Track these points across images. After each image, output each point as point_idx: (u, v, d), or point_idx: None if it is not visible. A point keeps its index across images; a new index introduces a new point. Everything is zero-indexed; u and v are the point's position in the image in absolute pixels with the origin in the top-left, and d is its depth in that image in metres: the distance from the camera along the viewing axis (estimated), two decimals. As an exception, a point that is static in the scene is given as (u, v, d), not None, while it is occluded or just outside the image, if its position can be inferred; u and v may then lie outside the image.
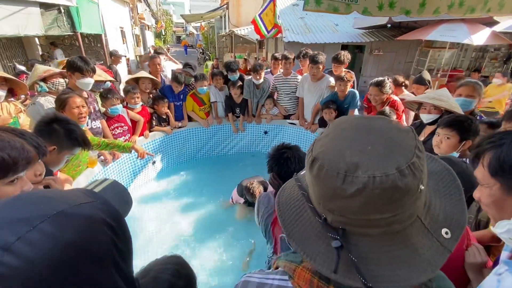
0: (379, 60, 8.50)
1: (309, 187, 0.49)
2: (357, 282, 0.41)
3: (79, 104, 2.13)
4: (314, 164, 0.44)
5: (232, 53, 14.29)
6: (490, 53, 8.18)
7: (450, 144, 1.46)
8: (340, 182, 0.40)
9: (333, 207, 0.43)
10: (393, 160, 0.40)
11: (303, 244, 0.47)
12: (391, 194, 0.39)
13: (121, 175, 3.09)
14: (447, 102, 1.79)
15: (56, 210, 0.38)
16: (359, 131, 0.46)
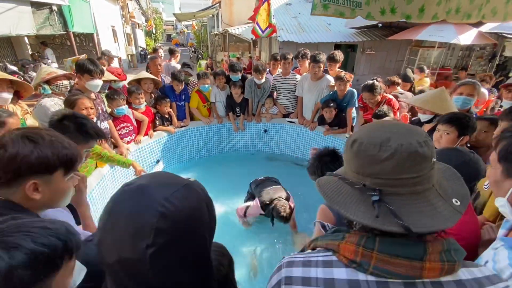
0: (371, 59, 8.72)
1: (347, 164, 0.64)
2: (394, 226, 0.52)
3: (88, 105, 2.17)
4: (355, 143, 0.60)
5: (225, 52, 14.29)
6: (476, 52, 8.52)
7: (449, 139, 1.57)
8: (377, 150, 0.56)
9: (371, 171, 0.57)
10: (414, 136, 0.56)
11: (346, 207, 0.58)
12: (414, 157, 0.54)
13: (128, 174, 3.13)
14: (439, 104, 1.91)
15: (184, 182, 0.55)
16: (385, 124, 0.63)
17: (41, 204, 0.88)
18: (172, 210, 0.49)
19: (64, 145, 0.88)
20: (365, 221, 0.55)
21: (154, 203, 0.49)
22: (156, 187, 0.52)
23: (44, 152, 0.83)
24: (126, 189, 0.53)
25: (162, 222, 0.48)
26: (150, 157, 3.46)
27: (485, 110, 6.46)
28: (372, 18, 1.91)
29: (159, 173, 0.60)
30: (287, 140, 4.26)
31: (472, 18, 1.88)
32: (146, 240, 0.47)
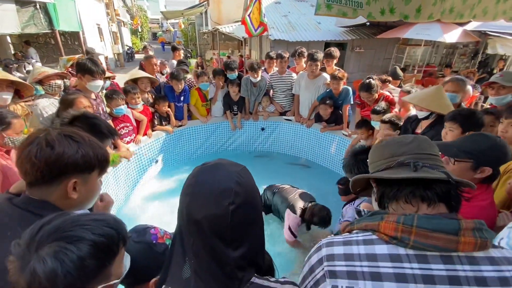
0: (360, 57, 8.91)
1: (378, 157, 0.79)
2: (435, 172, 0.66)
3: (86, 104, 2.13)
4: (382, 142, 0.81)
5: (214, 50, 14.20)
6: (459, 49, 8.87)
7: (454, 136, 1.62)
8: (402, 138, 0.77)
9: (403, 150, 0.74)
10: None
11: (388, 174, 0.71)
12: (428, 140, 0.76)
13: (128, 174, 3.11)
14: (436, 102, 1.98)
15: (242, 165, 0.70)
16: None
17: (75, 205, 0.89)
18: (243, 180, 0.64)
19: (99, 145, 0.90)
20: (410, 175, 0.66)
21: (232, 174, 0.65)
22: (228, 165, 0.68)
23: (87, 151, 0.84)
24: (206, 166, 0.68)
25: (239, 187, 0.62)
26: (148, 158, 3.43)
27: (469, 106, 6.77)
28: (372, 18, 1.98)
29: (223, 159, 0.73)
30: (285, 138, 4.32)
31: (464, 17, 1.98)
32: (228, 199, 0.60)
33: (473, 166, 1.13)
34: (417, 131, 2.22)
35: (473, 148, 1.12)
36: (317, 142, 4.02)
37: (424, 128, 2.13)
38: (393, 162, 0.72)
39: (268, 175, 3.77)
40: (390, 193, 0.70)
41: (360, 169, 1.41)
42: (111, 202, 1.22)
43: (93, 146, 0.87)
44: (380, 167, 0.75)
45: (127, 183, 3.12)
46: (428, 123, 2.10)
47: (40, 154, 0.78)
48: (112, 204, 1.24)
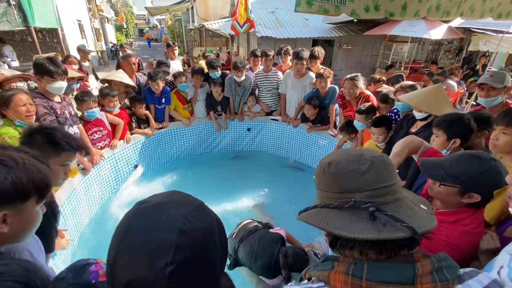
0: (347, 54, 8.87)
1: (326, 188, 0.64)
2: (401, 231, 0.53)
3: (26, 101, 1.93)
4: (331, 165, 0.62)
5: (202, 47, 13.92)
6: (444, 46, 8.96)
7: (438, 142, 1.54)
8: (356, 164, 0.59)
9: (358, 185, 0.58)
10: (378, 153, 0.63)
11: (346, 228, 0.56)
12: (387, 166, 0.60)
13: (102, 182, 2.92)
14: (435, 104, 1.89)
15: (198, 201, 0.56)
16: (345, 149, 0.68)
17: (7, 239, 0.75)
18: (191, 228, 0.49)
19: (38, 168, 0.76)
20: (371, 235, 0.54)
21: (175, 219, 0.49)
22: (172, 205, 0.53)
23: (19, 177, 0.70)
24: (143, 206, 0.53)
25: (182, 239, 0.47)
26: (127, 163, 3.25)
27: (455, 102, 6.83)
28: (356, 15, 1.88)
29: (173, 192, 0.60)
30: (271, 138, 4.20)
31: (451, 15, 1.91)
32: (165, 258, 0.46)
33: (460, 192, 1.02)
34: (412, 130, 2.14)
35: (461, 173, 0.99)
36: (304, 142, 3.92)
37: (419, 128, 2.05)
38: (346, 201, 0.59)
39: (254, 177, 3.68)
40: (343, 242, 0.60)
41: None
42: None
43: (28, 171, 0.73)
44: (330, 202, 0.62)
45: (101, 191, 2.93)
46: (425, 123, 2.02)
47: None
48: None
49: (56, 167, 1.28)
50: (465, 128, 1.51)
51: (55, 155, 1.28)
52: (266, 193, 3.35)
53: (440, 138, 1.55)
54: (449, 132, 1.52)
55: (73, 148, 1.33)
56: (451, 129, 1.51)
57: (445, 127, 1.53)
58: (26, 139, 1.31)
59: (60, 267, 1.93)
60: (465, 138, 1.53)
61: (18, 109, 1.87)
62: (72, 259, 2.26)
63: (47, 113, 2.12)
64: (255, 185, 3.47)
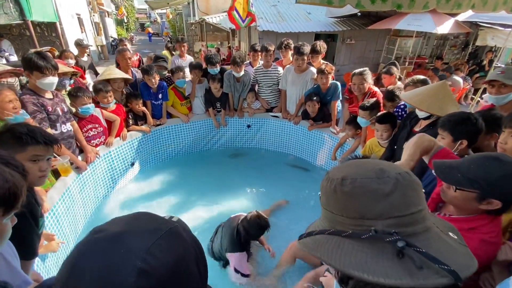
0: (351, 49, 8.70)
1: (338, 211, 0.50)
2: (441, 277, 0.41)
3: (12, 97, 1.86)
4: (345, 182, 0.49)
5: (203, 42, 13.74)
6: (450, 41, 8.75)
7: (446, 144, 1.44)
8: (377, 184, 0.47)
9: (379, 210, 0.46)
10: (401, 167, 0.51)
11: (369, 268, 0.44)
12: (413, 185, 0.48)
13: (98, 180, 2.85)
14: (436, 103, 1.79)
15: (168, 225, 0.46)
16: (361, 160, 0.56)
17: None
18: (155, 265, 0.39)
19: (5, 176, 0.69)
20: (403, 281, 0.41)
21: (132, 256, 0.39)
22: (133, 235, 0.42)
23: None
24: (96, 237, 0.43)
25: (143, 280, 0.38)
26: (124, 160, 3.18)
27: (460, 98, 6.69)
28: (361, 7, 1.77)
29: (137, 216, 0.48)
30: (271, 135, 4.12)
31: (462, 7, 1.79)
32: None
33: (478, 197, 0.92)
34: (415, 129, 2.05)
35: (480, 177, 0.90)
36: (305, 140, 3.83)
37: (423, 127, 1.96)
38: (365, 230, 0.46)
39: (253, 175, 3.59)
40: (360, 283, 0.48)
41: None
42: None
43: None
44: (342, 228, 0.50)
45: (97, 190, 2.86)
46: (429, 122, 1.92)
47: None
48: None
49: (26, 163, 1.16)
50: (472, 128, 1.42)
51: (20, 150, 1.19)
52: (266, 191, 3.28)
53: (446, 139, 1.46)
54: (454, 133, 1.43)
55: (37, 141, 1.23)
56: (457, 130, 1.42)
57: (450, 128, 1.44)
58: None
59: (52, 269, 1.87)
60: (473, 138, 1.44)
61: (5, 106, 1.80)
62: (65, 260, 2.20)
63: (37, 110, 2.04)
64: (254, 183, 3.40)
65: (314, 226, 0.57)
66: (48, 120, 2.14)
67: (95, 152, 2.72)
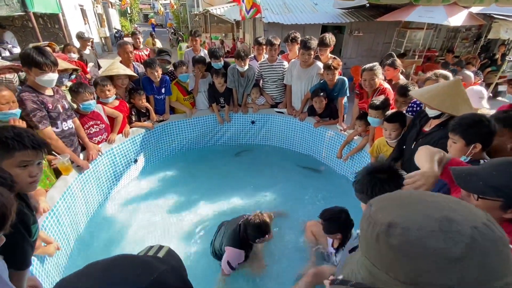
0: (358, 41, 8.46)
1: (388, 269, 0.37)
2: None
3: (9, 99, 1.82)
4: (393, 231, 0.36)
5: (207, 33, 13.53)
6: (461, 33, 8.45)
7: (457, 148, 1.39)
8: (442, 242, 0.33)
9: (444, 281, 0.33)
10: (477, 213, 0.36)
11: None
12: (500, 246, 0.34)
13: (100, 178, 2.82)
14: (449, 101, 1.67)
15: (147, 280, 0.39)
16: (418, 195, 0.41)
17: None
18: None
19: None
20: None
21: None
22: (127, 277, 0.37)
23: None
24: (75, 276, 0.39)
25: None
26: (127, 157, 3.14)
27: (470, 93, 6.47)
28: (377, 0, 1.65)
29: (111, 266, 0.41)
30: (276, 131, 4.04)
31: (485, 1, 1.65)
32: None
33: (502, 206, 0.86)
34: (425, 129, 1.95)
35: (505, 184, 0.83)
36: (311, 136, 3.74)
37: (433, 126, 1.86)
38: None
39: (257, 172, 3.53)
40: None
41: (374, 192, 1.07)
42: None
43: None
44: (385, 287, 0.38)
45: (99, 188, 2.82)
46: (440, 121, 1.83)
47: None
48: None
49: (14, 170, 1.12)
50: (485, 131, 1.33)
51: (6, 157, 1.12)
52: (270, 189, 3.22)
53: (458, 144, 1.38)
54: (467, 136, 1.35)
55: (25, 145, 1.14)
56: (469, 133, 1.34)
57: (462, 131, 1.36)
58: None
59: (52, 272, 1.85)
60: (486, 141, 1.37)
61: (0, 107, 1.75)
62: (68, 261, 2.19)
63: (36, 108, 1.99)
64: (258, 180, 3.35)
65: (351, 270, 0.45)
66: (49, 118, 2.09)
67: (97, 149, 2.68)
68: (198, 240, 2.54)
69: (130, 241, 2.51)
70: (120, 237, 2.55)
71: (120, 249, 2.41)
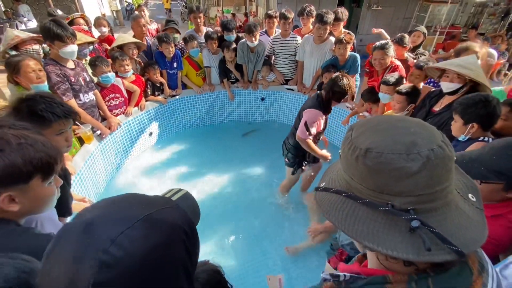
0: (377, 15, 8.05)
1: (359, 179, 0.49)
2: (446, 254, 0.43)
3: (34, 67, 1.92)
4: (369, 153, 0.46)
5: (218, 7, 13.13)
6: (489, 8, 7.88)
7: (456, 127, 1.45)
8: (404, 162, 0.43)
9: (401, 189, 0.45)
10: (436, 135, 0.46)
11: (376, 239, 0.45)
12: (446, 163, 0.45)
13: (117, 148, 3.01)
14: (475, 71, 1.68)
15: (146, 213, 0.43)
16: (394, 122, 0.50)
17: (22, 213, 0.79)
18: (119, 257, 0.37)
19: (36, 147, 0.74)
20: (411, 256, 0.43)
21: (96, 248, 0.37)
22: (103, 223, 0.40)
23: (12, 160, 0.69)
24: (70, 225, 0.42)
25: (103, 274, 0.36)
26: (142, 130, 3.31)
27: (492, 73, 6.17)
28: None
29: (120, 199, 0.46)
30: (286, 108, 4.08)
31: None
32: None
33: (505, 187, 0.93)
34: (435, 109, 1.98)
35: (506, 167, 0.89)
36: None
37: (443, 106, 1.89)
38: (381, 203, 0.46)
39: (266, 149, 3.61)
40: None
41: None
42: None
43: (23, 152, 0.71)
44: (359, 194, 0.49)
45: (117, 156, 3.04)
46: (452, 99, 1.85)
47: None
48: None
49: (54, 138, 1.23)
50: (483, 112, 1.37)
51: (46, 127, 1.20)
52: (278, 164, 3.31)
53: (458, 122, 1.46)
54: (465, 115, 1.41)
55: (59, 116, 1.23)
56: (467, 113, 1.40)
57: (461, 110, 1.43)
58: (13, 113, 1.20)
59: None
60: (485, 122, 1.41)
61: (29, 76, 1.88)
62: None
63: (60, 81, 2.12)
64: (267, 156, 3.44)
65: (331, 179, 0.57)
66: (72, 90, 2.23)
67: (117, 121, 2.84)
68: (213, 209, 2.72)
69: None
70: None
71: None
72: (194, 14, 3.63)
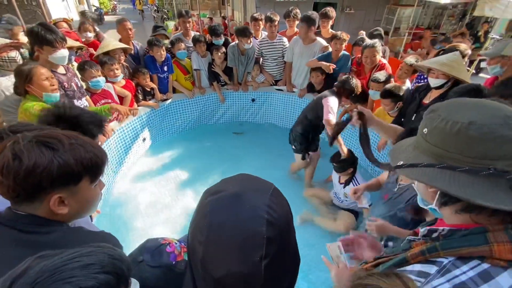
0: (350, 18, 8.49)
1: (458, 150, 0.56)
2: None
3: (47, 75, 1.85)
4: (472, 127, 0.53)
5: (193, 11, 13.01)
6: (448, 10, 8.62)
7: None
8: (506, 130, 0.52)
9: (503, 152, 0.52)
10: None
11: (486, 197, 0.52)
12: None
13: (110, 156, 2.88)
14: (456, 68, 1.86)
15: (271, 186, 0.52)
16: (475, 102, 0.59)
17: (70, 217, 0.77)
18: (276, 217, 0.46)
19: (86, 148, 0.73)
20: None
21: (260, 209, 0.46)
22: (252, 193, 0.49)
23: (66, 160, 0.68)
24: (220, 197, 0.49)
25: (271, 230, 0.45)
26: (135, 136, 3.20)
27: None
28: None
29: (242, 178, 0.55)
30: (276, 109, 4.15)
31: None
32: (258, 252, 0.43)
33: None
34: (425, 101, 2.14)
35: None
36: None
37: (433, 99, 2.04)
38: (482, 168, 0.53)
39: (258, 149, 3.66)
40: (470, 207, 0.57)
41: None
42: None
43: (75, 152, 0.71)
44: (456, 163, 0.56)
45: (112, 164, 2.91)
46: (439, 93, 2.00)
47: (6, 170, 0.63)
48: None
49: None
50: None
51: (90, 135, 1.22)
52: (270, 165, 3.34)
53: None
54: None
55: (101, 129, 1.32)
56: None
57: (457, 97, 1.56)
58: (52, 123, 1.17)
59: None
60: None
61: (42, 83, 1.78)
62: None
63: (55, 88, 2.00)
64: (258, 157, 3.48)
65: (408, 157, 0.64)
66: (66, 96, 2.11)
67: (111, 128, 2.72)
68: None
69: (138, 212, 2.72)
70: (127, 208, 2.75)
71: (127, 218, 2.64)
72: (183, 19, 3.55)
